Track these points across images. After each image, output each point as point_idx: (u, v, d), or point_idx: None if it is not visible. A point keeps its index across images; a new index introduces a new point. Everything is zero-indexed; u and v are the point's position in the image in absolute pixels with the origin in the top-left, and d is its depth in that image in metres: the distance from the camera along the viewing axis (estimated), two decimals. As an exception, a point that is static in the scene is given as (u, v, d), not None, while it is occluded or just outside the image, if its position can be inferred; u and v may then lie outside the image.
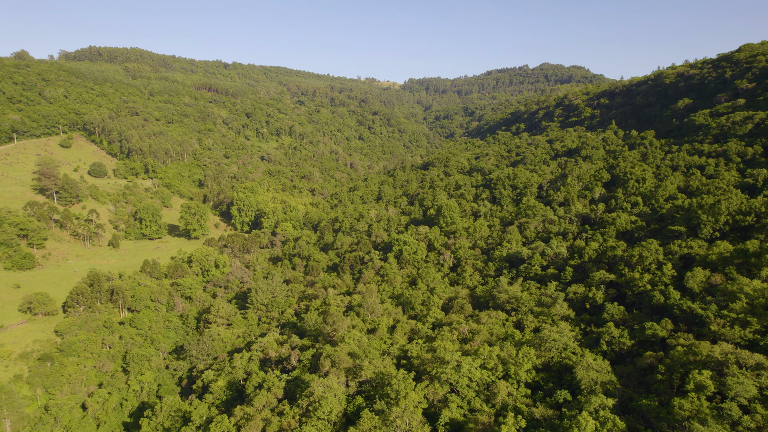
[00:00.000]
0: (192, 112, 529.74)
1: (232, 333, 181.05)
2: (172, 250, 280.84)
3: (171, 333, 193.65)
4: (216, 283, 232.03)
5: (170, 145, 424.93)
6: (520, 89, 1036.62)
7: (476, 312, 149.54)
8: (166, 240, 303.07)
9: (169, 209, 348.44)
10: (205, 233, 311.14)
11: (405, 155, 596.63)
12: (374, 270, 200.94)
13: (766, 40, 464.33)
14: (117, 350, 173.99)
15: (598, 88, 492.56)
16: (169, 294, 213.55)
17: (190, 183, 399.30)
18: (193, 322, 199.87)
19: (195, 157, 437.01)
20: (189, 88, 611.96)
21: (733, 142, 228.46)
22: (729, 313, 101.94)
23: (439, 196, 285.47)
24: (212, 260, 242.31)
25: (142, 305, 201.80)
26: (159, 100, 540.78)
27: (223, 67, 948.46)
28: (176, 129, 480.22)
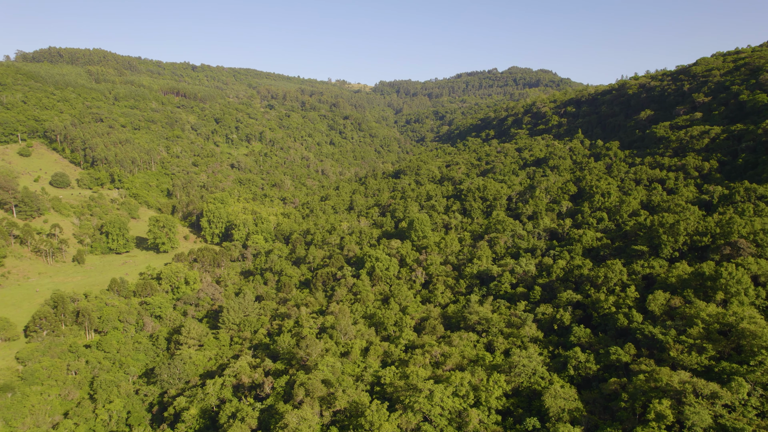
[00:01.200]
0: (159, 118, 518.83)
1: (203, 355, 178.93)
2: (140, 265, 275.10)
3: (140, 355, 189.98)
4: (186, 301, 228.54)
5: (137, 153, 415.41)
6: (489, 92, 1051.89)
7: (448, 333, 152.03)
8: (134, 254, 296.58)
9: (137, 221, 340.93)
10: (175, 246, 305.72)
11: (376, 161, 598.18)
12: (347, 287, 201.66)
13: (719, 51, 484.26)
14: (83, 376, 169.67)
15: (565, 96, 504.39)
16: (138, 314, 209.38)
17: (159, 193, 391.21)
18: (164, 342, 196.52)
19: (163, 165, 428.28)
20: (156, 93, 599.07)
21: (691, 157, 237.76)
22: (687, 339, 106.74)
23: (411, 208, 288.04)
24: (182, 277, 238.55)
25: (110, 326, 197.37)
26: (125, 105, 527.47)
27: (191, 69, 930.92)
28: (143, 136, 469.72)
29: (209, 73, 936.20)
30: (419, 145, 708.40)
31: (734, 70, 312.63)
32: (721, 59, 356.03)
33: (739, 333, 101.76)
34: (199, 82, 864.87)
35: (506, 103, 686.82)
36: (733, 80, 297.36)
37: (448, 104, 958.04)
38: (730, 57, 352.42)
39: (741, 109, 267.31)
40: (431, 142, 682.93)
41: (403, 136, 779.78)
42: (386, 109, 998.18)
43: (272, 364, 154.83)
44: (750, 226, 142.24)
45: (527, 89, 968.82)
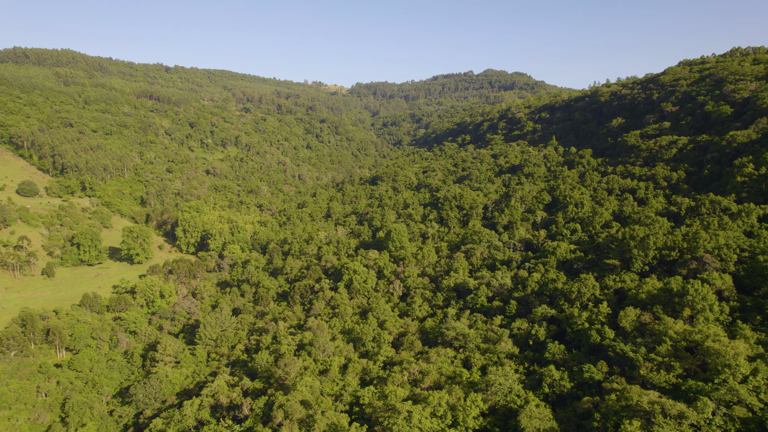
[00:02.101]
0: (132, 123, 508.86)
1: (180, 373, 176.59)
2: (113, 277, 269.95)
3: (115, 373, 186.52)
4: (162, 315, 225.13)
5: (109, 159, 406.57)
6: (465, 95, 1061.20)
7: (426, 348, 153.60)
8: (106, 265, 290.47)
9: (110, 230, 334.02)
10: (149, 257, 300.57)
11: (353, 165, 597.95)
12: (325, 301, 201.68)
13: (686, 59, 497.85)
14: (54, 398, 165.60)
15: (540, 102, 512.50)
16: (111, 330, 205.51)
17: (132, 201, 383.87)
18: (139, 359, 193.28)
19: (136, 172, 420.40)
20: (128, 96, 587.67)
21: (660, 167, 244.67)
22: (656, 357, 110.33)
23: (388, 216, 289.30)
24: (157, 290, 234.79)
25: (82, 344, 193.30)
26: (95, 109, 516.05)
27: (165, 70, 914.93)
28: (115, 141, 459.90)
29: (183, 74, 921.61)
30: (396, 148, 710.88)
31: (700, 80, 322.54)
32: (688, 69, 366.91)
33: (704, 351, 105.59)
34: (173, 84, 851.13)
35: (482, 107, 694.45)
36: (699, 90, 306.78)
37: (425, 107, 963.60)
38: (696, 67, 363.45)
39: (707, 119, 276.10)
40: (408, 146, 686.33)
41: (380, 139, 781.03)
42: (363, 111, 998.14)
43: (250, 382, 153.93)
44: (714, 241, 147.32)
45: (502, 92, 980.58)
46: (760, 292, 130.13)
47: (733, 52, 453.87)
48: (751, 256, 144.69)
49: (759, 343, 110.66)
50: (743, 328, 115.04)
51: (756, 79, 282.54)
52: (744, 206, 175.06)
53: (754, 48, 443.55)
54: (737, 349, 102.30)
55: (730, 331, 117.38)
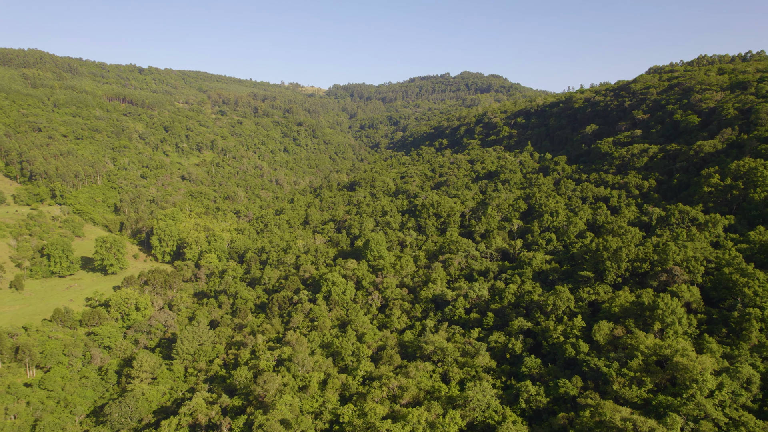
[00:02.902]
0: (104, 127, 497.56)
1: (157, 390, 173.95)
2: (86, 289, 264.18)
3: (88, 391, 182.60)
4: (138, 329, 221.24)
5: (80, 165, 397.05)
6: (442, 97, 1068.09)
7: (405, 362, 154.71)
8: (79, 276, 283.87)
9: (82, 239, 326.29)
10: (123, 267, 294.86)
11: (331, 169, 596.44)
12: (303, 313, 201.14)
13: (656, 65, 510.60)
14: (24, 420, 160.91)
15: (515, 106, 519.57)
16: (85, 345, 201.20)
17: (105, 209, 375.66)
18: (114, 376, 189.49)
19: (109, 178, 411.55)
20: (100, 99, 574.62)
21: (632, 175, 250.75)
22: (628, 372, 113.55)
23: (366, 224, 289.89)
24: (132, 303, 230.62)
25: (54, 361, 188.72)
26: (65, 112, 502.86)
27: (138, 71, 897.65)
28: (87, 146, 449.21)
29: (157, 76, 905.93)
30: (374, 151, 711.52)
31: (669, 89, 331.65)
32: (657, 77, 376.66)
33: (673, 366, 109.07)
34: (147, 86, 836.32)
35: (459, 111, 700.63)
36: (668, 99, 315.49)
37: (402, 109, 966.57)
38: (666, 75, 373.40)
39: (676, 128, 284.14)
40: (386, 149, 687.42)
41: (358, 142, 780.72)
42: (340, 113, 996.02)
43: (229, 399, 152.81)
44: (683, 253, 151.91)
45: (479, 94, 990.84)
46: (726, 304, 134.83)
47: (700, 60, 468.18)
48: (717, 267, 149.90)
49: (724, 357, 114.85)
50: (710, 341, 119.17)
51: (721, 89, 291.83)
52: (711, 216, 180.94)
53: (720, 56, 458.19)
54: (704, 364, 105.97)
55: (697, 344, 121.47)
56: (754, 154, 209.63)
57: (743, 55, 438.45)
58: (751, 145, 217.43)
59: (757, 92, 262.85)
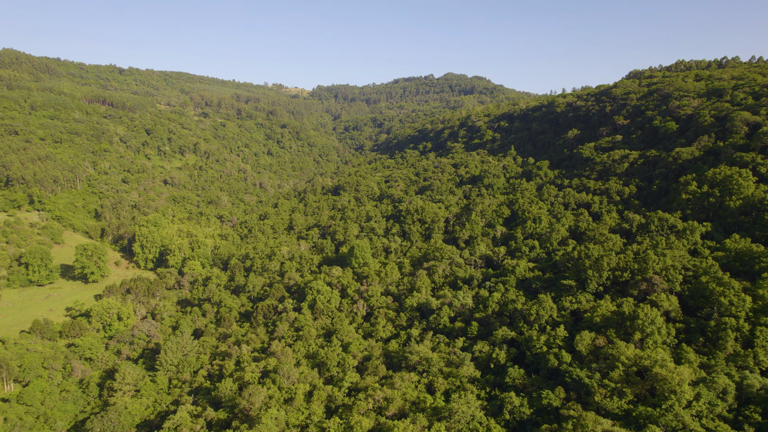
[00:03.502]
0: (84, 130, 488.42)
1: (140, 403, 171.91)
2: (66, 299, 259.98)
3: (69, 405, 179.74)
4: (120, 339, 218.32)
5: (59, 170, 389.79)
6: (426, 99, 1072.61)
7: (390, 372, 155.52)
8: (58, 285, 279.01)
9: (61, 246, 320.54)
10: (105, 275, 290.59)
11: (315, 172, 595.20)
12: (288, 322, 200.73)
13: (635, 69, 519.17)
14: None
15: (498, 110, 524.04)
16: (65, 358, 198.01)
17: (85, 214, 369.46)
18: (95, 389, 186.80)
19: (89, 183, 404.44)
20: (79, 101, 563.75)
21: (613, 181, 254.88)
22: (609, 383, 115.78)
23: (351, 230, 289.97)
24: (114, 312, 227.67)
25: (33, 375, 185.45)
26: (43, 115, 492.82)
27: (118, 72, 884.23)
28: (66, 150, 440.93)
29: (138, 76, 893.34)
30: (358, 153, 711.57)
31: (648, 94, 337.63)
32: (637, 83, 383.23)
33: (653, 377, 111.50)
34: (127, 87, 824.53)
35: (443, 114, 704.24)
36: (647, 105, 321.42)
37: (387, 110, 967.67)
38: (645, 81, 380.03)
39: (655, 133, 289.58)
40: (370, 152, 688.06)
41: (342, 144, 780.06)
42: (324, 115, 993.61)
43: (214, 413, 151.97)
44: (662, 262, 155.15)
45: (462, 96, 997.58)
46: (703, 312, 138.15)
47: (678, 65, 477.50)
48: (695, 275, 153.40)
49: (701, 367, 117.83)
50: (687, 351, 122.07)
51: (698, 95, 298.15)
52: (689, 224, 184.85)
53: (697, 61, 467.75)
54: (682, 375, 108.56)
55: (676, 353, 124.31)
56: (729, 162, 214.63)
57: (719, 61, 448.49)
58: (727, 153, 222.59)
59: (732, 100, 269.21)
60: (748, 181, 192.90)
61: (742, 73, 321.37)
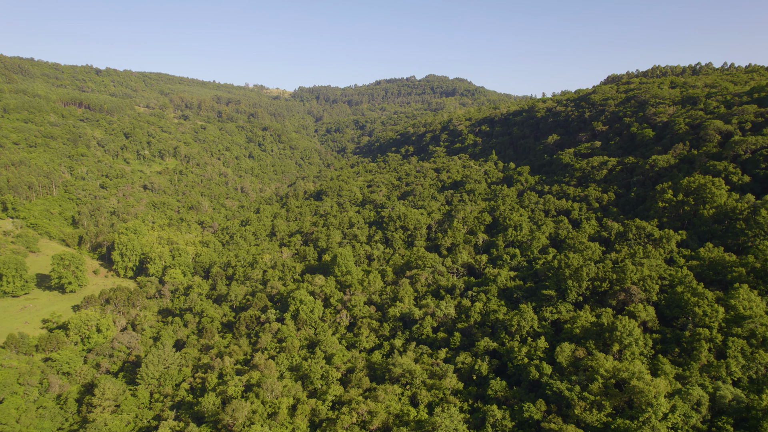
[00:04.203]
0: (60, 134, 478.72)
1: (121, 419, 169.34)
2: (43, 310, 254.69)
3: (46, 423, 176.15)
4: (99, 352, 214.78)
5: (34, 176, 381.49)
6: (408, 100, 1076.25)
7: (374, 385, 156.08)
8: (34, 296, 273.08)
9: (37, 255, 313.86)
10: (83, 284, 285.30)
11: (297, 175, 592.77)
12: (271, 333, 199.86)
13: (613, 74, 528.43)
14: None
15: (480, 113, 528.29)
16: (41, 373, 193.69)
17: (62, 222, 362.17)
18: (74, 405, 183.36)
19: (66, 189, 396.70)
20: (55, 104, 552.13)
21: (592, 188, 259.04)
22: (589, 395, 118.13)
23: (333, 237, 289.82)
24: (93, 324, 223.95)
25: (8, 392, 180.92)
26: (17, 118, 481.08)
27: (95, 73, 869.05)
28: (41, 155, 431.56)
29: (116, 77, 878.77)
30: (340, 156, 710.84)
31: (626, 101, 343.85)
32: (615, 88, 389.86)
33: (630, 389, 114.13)
34: (105, 88, 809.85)
35: (424, 116, 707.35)
36: (625, 112, 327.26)
37: (369, 112, 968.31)
38: (623, 87, 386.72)
39: (632, 140, 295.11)
40: (352, 155, 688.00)
41: (324, 146, 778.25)
42: (306, 116, 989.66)
43: (197, 428, 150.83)
44: (640, 272, 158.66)
45: (444, 98, 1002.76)
46: (678, 323, 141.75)
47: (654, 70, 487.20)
48: (671, 284, 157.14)
49: (677, 378, 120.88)
50: (664, 362, 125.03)
51: (673, 103, 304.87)
52: (665, 232, 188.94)
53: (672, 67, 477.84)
54: (658, 387, 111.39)
55: (652, 364, 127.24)
56: (703, 171, 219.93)
57: (693, 67, 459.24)
58: (701, 161, 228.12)
59: (706, 108, 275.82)
60: (720, 189, 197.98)
61: (714, 81, 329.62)
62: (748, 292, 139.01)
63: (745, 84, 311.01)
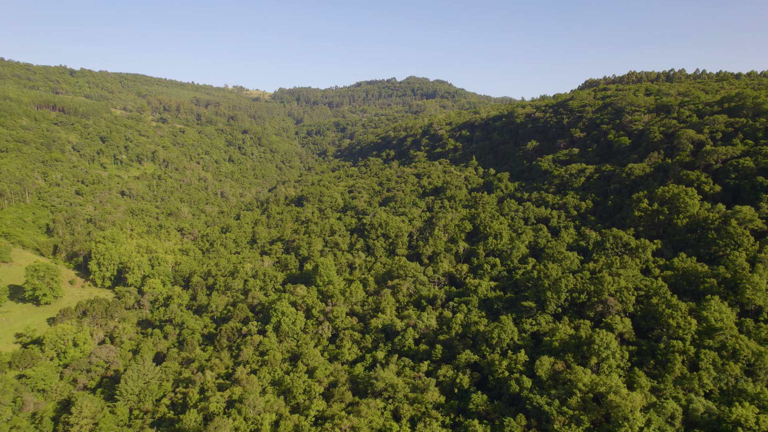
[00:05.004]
0: (33, 138, 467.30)
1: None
2: (16, 324, 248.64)
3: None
4: (76, 367, 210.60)
5: (6, 183, 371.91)
6: (389, 102, 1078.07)
7: (356, 399, 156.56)
8: (6, 308, 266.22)
9: (9, 265, 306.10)
10: (58, 295, 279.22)
11: (278, 179, 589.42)
12: (253, 346, 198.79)
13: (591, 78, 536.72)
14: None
15: (460, 118, 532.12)
16: (15, 390, 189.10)
17: (36, 230, 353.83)
18: (49, 423, 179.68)
19: (40, 196, 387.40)
20: (27, 107, 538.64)
21: (570, 196, 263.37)
22: (568, 410, 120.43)
23: (315, 245, 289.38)
24: (69, 339, 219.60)
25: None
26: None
27: (69, 74, 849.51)
28: (13, 160, 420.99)
29: (91, 78, 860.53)
30: (321, 159, 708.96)
31: (603, 107, 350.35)
32: (593, 94, 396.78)
33: (607, 404, 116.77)
34: (80, 89, 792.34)
35: (405, 120, 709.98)
36: (602, 119, 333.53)
37: (349, 114, 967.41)
38: (600, 93, 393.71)
39: (609, 147, 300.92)
40: (333, 158, 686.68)
41: (305, 149, 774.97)
42: (287, 118, 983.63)
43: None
44: (616, 284, 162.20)
45: (425, 100, 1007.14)
46: (653, 334, 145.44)
47: (630, 75, 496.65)
48: (647, 295, 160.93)
49: (652, 391, 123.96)
50: (639, 375, 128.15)
51: (648, 111, 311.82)
52: (641, 241, 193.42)
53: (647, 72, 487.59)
54: (634, 402, 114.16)
55: (629, 377, 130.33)
56: (677, 180, 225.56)
57: (667, 73, 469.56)
58: (675, 170, 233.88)
59: (679, 117, 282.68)
60: (693, 199, 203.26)
61: (687, 89, 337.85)
62: (719, 303, 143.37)
63: (716, 93, 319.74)
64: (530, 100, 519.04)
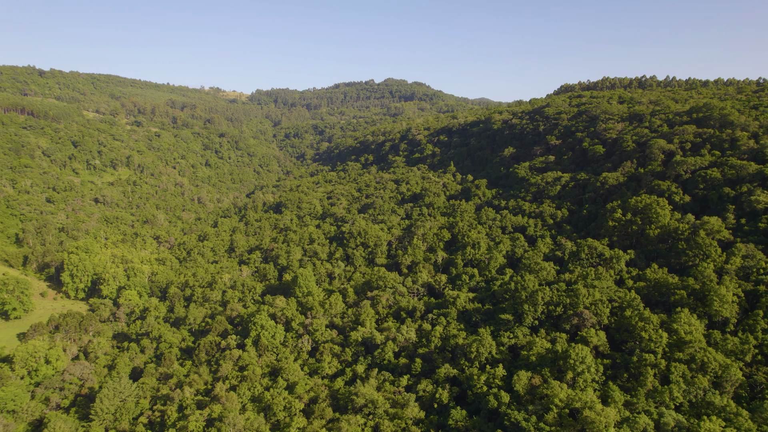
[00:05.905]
0: (0, 143, 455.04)
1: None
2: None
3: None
4: (48, 386, 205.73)
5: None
6: (367, 104, 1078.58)
7: (337, 415, 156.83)
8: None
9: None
10: (29, 309, 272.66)
11: (256, 184, 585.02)
12: (232, 361, 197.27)
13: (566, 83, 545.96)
14: None
15: (438, 123, 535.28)
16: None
17: (4, 240, 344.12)
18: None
19: (8, 204, 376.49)
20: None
21: (546, 204, 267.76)
22: (545, 426, 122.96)
23: (294, 254, 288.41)
24: (41, 356, 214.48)
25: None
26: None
27: (38, 74, 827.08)
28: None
29: (62, 80, 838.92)
30: (299, 163, 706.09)
31: (578, 115, 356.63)
32: (568, 101, 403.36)
33: (583, 420, 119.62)
34: (50, 91, 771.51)
35: (384, 124, 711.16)
36: (577, 126, 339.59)
37: (328, 117, 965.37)
38: (575, 100, 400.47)
39: (584, 155, 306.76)
40: (312, 161, 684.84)
41: (283, 152, 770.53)
42: (264, 121, 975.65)
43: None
44: (591, 296, 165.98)
45: (403, 102, 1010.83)
46: (627, 347, 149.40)
47: (604, 81, 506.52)
48: (621, 307, 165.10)
49: (625, 405, 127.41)
50: (613, 389, 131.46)
51: (621, 119, 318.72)
52: (614, 252, 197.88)
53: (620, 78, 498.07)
54: (608, 417, 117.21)
55: (603, 391, 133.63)
56: (649, 190, 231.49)
57: (639, 79, 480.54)
58: (647, 180, 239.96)
59: (650, 126, 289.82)
60: (664, 210, 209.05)
61: (658, 98, 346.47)
62: (689, 316, 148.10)
63: (686, 102, 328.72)
64: (507, 105, 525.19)
